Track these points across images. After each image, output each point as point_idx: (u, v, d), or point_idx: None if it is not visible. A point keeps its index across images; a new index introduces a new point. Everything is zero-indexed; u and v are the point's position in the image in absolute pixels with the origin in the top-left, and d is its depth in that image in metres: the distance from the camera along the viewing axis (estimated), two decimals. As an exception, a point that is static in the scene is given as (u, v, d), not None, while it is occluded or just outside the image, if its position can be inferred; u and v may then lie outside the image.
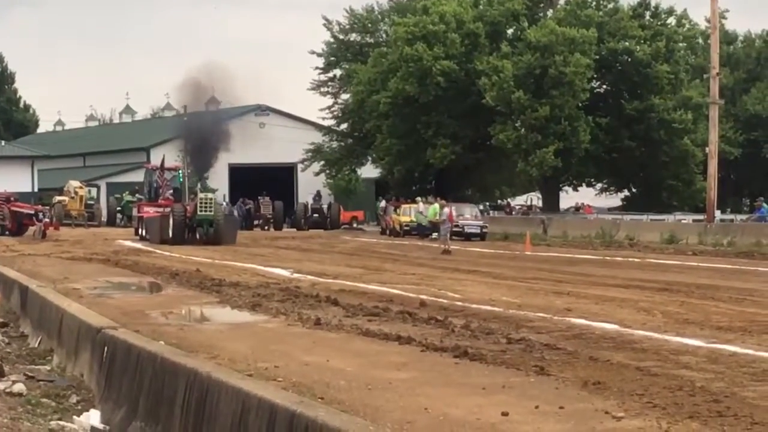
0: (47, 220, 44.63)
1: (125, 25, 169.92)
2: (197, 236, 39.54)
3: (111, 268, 27.05)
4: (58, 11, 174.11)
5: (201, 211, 39.34)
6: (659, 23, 59.76)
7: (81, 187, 59.91)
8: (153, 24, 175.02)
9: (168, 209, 41.36)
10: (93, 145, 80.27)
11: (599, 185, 66.20)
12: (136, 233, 44.08)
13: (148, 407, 10.10)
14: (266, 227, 57.64)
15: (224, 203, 53.68)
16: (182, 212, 39.91)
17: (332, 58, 68.56)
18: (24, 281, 19.46)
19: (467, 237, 43.05)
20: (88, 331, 12.78)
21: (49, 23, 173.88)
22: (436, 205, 47.24)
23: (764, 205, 45.22)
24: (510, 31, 59.76)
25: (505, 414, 8.49)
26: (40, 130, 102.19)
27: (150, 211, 43.58)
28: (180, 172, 45.60)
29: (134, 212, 46.64)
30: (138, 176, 67.30)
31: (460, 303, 17.47)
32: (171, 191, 45.43)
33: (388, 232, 52.38)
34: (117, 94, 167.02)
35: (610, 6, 58.86)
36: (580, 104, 54.22)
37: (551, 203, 61.52)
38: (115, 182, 68.05)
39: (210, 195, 40.70)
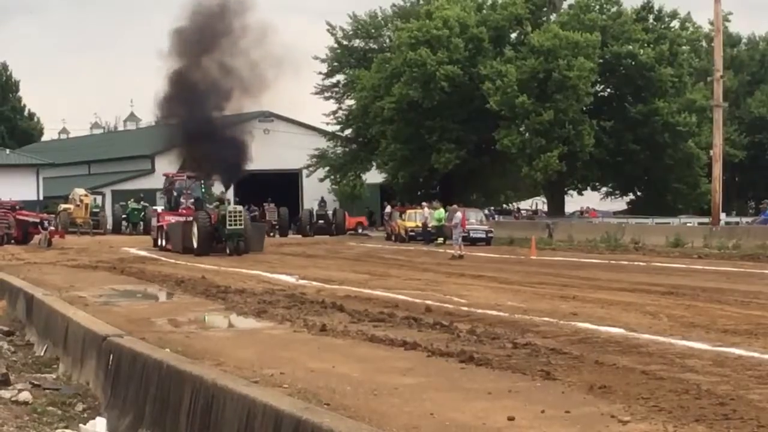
0: (52, 228, 44.59)
1: (128, 32, 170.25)
2: (227, 251, 36.62)
3: (116, 276, 27.07)
4: (62, 19, 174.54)
5: (231, 224, 36.75)
6: (663, 26, 59.80)
7: (86, 195, 60.00)
8: (156, 30, 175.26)
9: (191, 217, 39.05)
10: (98, 153, 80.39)
11: (604, 189, 66.22)
12: (155, 244, 42.00)
13: (154, 414, 10.11)
14: (271, 234, 57.50)
15: None
16: (207, 220, 37.43)
17: (335, 64, 68.61)
18: (29, 289, 19.46)
19: (473, 242, 42.99)
20: (93, 339, 12.78)
21: (53, 31, 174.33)
22: (441, 210, 47.21)
23: (769, 207, 45.22)
24: (513, 36, 59.85)
25: (511, 419, 8.50)
26: (45, 138, 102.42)
27: (171, 219, 41.37)
28: (203, 182, 44.05)
29: (153, 222, 45.46)
30: (142, 184, 67.70)
31: (465, 308, 17.47)
32: (192, 200, 43.22)
33: (393, 237, 52.35)
34: (121, 101, 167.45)
35: (614, 10, 58.85)
36: (584, 108, 54.23)
37: (556, 207, 61.52)
38: (120, 190, 68.15)
39: (239, 207, 38.20)
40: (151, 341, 12.54)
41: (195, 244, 37.18)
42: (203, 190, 44.63)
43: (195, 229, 37.44)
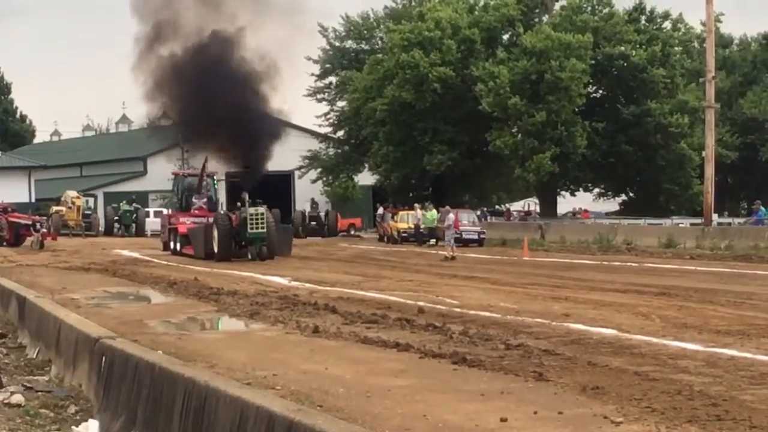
0: (45, 230, 44.49)
1: (120, 34, 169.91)
2: (249, 255, 34.43)
3: (109, 278, 27.04)
4: (54, 20, 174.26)
5: (252, 228, 34.25)
6: (655, 27, 59.87)
7: (78, 197, 59.88)
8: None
9: (211, 220, 36.50)
10: (90, 155, 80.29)
11: (596, 190, 66.25)
12: (166, 248, 40.35)
13: (147, 416, 10.09)
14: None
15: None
16: (227, 223, 35.01)
17: (328, 65, 68.59)
18: (22, 292, 19.41)
19: (465, 243, 43.02)
20: (86, 341, 12.75)
21: (45, 33, 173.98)
22: (434, 211, 47.23)
23: (761, 208, 45.18)
24: (506, 37, 59.85)
25: (503, 420, 8.50)
26: (37, 140, 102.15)
27: (187, 221, 39.05)
28: (215, 180, 42.70)
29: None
30: (134, 186, 67.63)
31: (458, 309, 17.47)
32: (204, 201, 41.57)
33: (385, 239, 52.34)
34: (113, 103, 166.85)
35: (606, 11, 58.91)
36: (576, 109, 54.25)
37: (549, 208, 61.52)
38: (112, 192, 68.02)
39: (260, 209, 35.06)
40: (143, 343, 12.51)
41: (215, 249, 34.83)
42: (215, 189, 43.33)
43: (215, 233, 34.98)
